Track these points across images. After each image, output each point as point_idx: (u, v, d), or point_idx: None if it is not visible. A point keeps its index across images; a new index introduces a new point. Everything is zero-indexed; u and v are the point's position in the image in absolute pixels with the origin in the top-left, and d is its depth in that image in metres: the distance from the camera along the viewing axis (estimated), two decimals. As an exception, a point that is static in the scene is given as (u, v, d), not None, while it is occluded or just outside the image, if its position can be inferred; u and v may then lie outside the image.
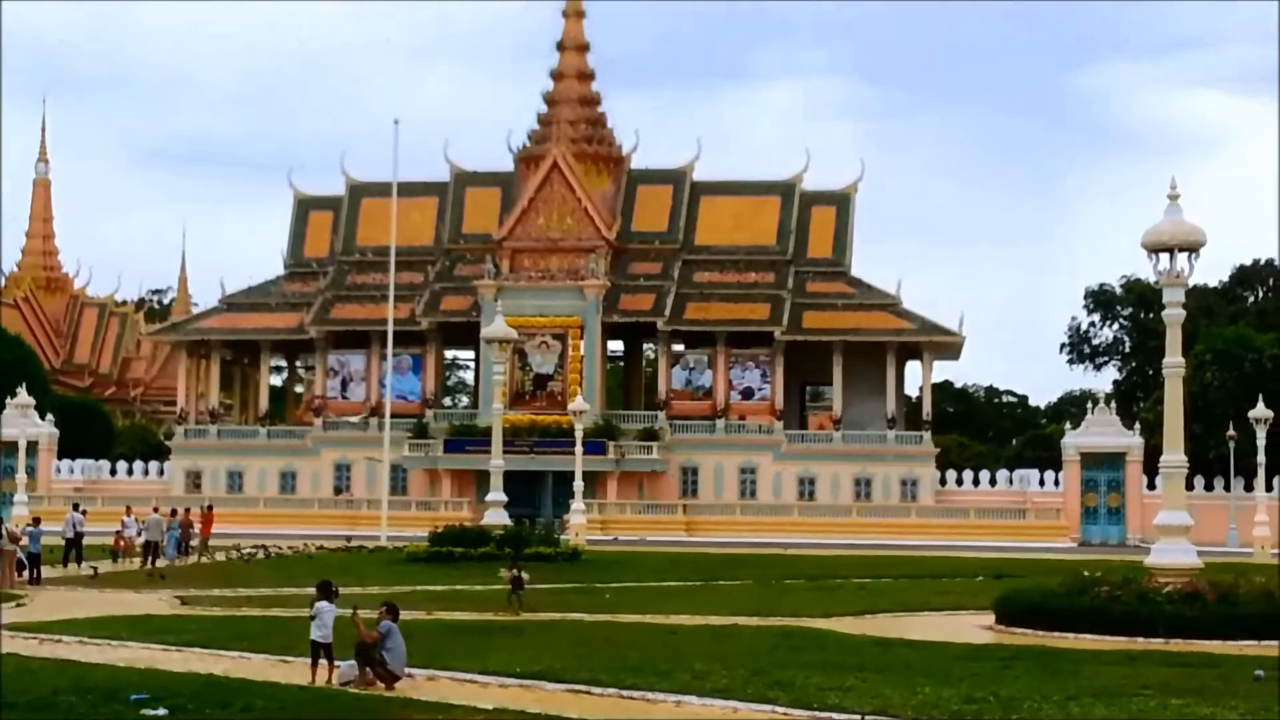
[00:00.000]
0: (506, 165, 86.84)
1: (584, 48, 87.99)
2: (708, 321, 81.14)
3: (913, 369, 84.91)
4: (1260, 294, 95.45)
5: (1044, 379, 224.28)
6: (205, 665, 20.06)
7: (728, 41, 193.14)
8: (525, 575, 29.60)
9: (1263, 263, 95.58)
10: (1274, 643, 23.51)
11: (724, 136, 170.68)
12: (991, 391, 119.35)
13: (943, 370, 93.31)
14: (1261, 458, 60.77)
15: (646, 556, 51.27)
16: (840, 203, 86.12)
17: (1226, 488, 71.47)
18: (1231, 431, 68.25)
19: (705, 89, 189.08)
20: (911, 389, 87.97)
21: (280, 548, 52.81)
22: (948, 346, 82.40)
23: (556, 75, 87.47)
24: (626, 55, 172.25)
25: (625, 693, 17.92)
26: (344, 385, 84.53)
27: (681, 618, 27.76)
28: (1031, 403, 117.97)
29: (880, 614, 29.36)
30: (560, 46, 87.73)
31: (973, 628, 26.41)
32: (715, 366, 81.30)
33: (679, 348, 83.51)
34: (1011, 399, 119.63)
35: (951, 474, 79.52)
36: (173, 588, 34.54)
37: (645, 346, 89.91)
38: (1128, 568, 29.25)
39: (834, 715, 16.40)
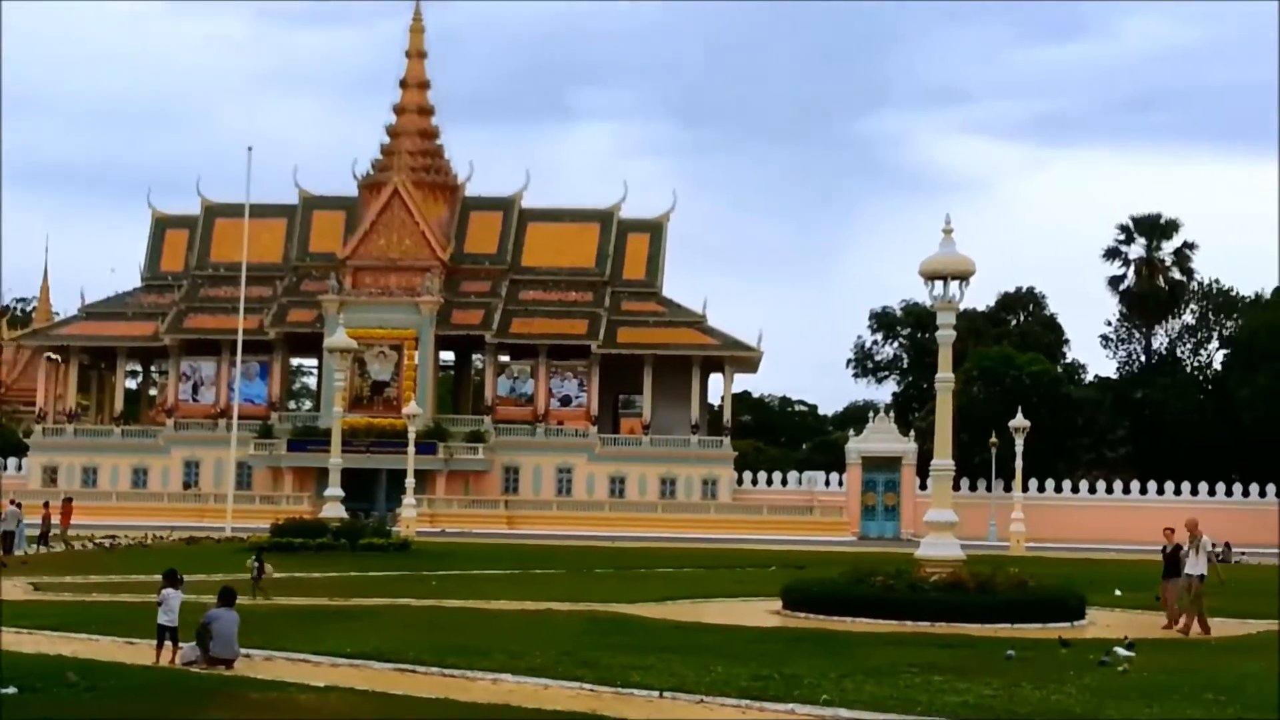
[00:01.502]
0: (351, 191, 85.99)
1: (425, 85, 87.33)
2: (531, 336, 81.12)
3: (715, 381, 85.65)
4: (1021, 318, 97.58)
5: (832, 391, 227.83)
6: (56, 647, 19.43)
7: (549, 83, 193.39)
8: (268, 566, 29.12)
9: (1024, 291, 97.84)
10: (1025, 625, 24.06)
11: (548, 169, 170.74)
12: (785, 401, 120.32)
13: (742, 382, 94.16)
14: (1019, 463, 62.14)
15: (470, 548, 50.94)
16: (653, 230, 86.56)
17: (988, 489, 73.12)
18: (994, 439, 69.90)
19: (531, 125, 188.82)
20: (714, 398, 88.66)
21: (131, 538, 51.56)
22: (747, 361, 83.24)
23: (399, 110, 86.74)
24: (461, 93, 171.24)
25: (447, 671, 17.72)
26: (195, 389, 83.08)
27: (500, 603, 27.57)
28: (820, 412, 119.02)
29: (681, 600, 29.37)
30: (403, 84, 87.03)
31: (763, 613, 26.54)
32: (537, 376, 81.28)
33: (505, 359, 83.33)
34: (803, 408, 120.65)
35: (748, 475, 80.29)
36: (27, 575, 33.50)
37: (474, 357, 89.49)
38: (901, 559, 29.69)
39: (635, 692, 16.36)
